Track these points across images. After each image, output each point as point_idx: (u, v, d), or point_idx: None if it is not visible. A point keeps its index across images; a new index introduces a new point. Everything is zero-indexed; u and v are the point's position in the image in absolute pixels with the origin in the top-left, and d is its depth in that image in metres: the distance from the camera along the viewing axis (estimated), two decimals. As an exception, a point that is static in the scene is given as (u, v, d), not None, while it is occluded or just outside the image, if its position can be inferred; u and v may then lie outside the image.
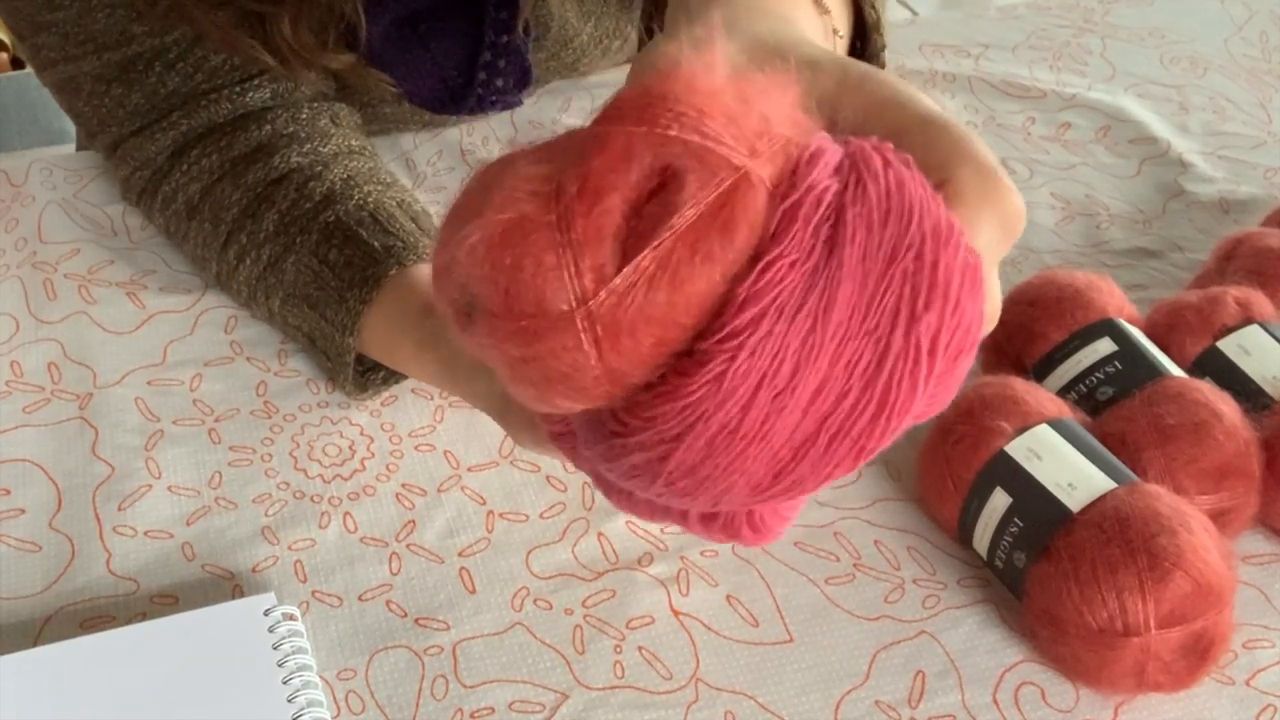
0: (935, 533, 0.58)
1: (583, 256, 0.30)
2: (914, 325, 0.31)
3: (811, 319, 0.30)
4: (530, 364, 0.31)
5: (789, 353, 0.30)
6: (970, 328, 0.32)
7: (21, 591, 0.54)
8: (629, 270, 0.30)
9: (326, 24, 0.66)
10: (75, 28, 0.65)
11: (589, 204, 0.30)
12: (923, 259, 0.31)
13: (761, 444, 0.31)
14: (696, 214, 0.30)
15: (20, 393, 0.63)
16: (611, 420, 0.33)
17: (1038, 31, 0.96)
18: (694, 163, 0.30)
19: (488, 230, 0.31)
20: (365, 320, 0.60)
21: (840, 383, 0.31)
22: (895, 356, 0.31)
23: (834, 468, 0.32)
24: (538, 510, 0.58)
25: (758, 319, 0.30)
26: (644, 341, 0.30)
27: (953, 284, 0.31)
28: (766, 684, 0.51)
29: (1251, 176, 0.81)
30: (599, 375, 0.31)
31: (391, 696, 0.50)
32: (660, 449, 0.32)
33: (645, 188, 0.30)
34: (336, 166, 0.65)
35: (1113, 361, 0.59)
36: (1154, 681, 0.50)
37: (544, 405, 0.33)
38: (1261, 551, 0.58)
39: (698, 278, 0.30)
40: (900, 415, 0.32)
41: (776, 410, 0.31)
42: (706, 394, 0.31)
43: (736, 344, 0.30)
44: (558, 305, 0.30)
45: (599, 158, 0.30)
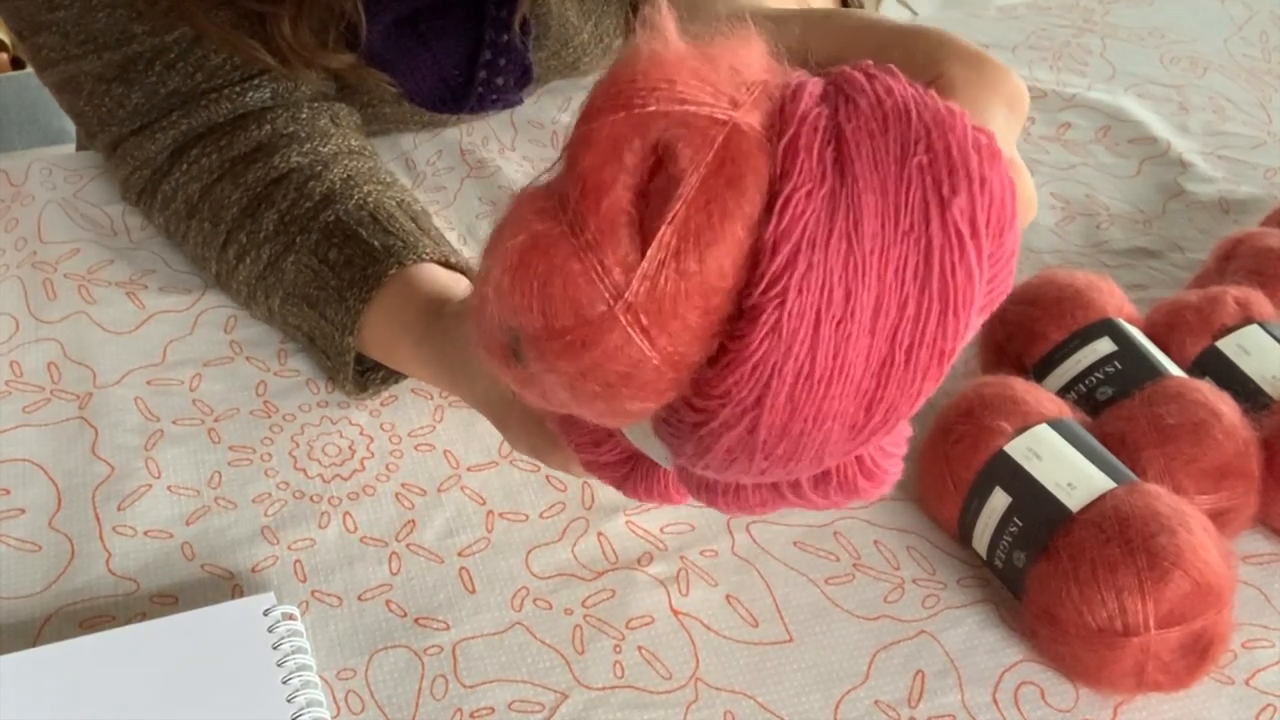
0: (935, 532, 0.58)
1: (604, 253, 0.30)
2: (946, 212, 0.30)
3: (845, 239, 0.30)
4: (589, 376, 0.31)
5: (835, 278, 0.30)
6: (1003, 200, 0.31)
7: (21, 591, 0.54)
8: (653, 250, 0.30)
9: (327, 23, 0.66)
10: (76, 27, 0.65)
11: (594, 202, 0.30)
12: (934, 149, 0.30)
13: (842, 380, 0.31)
14: (700, 177, 0.30)
15: (20, 393, 0.63)
16: (689, 412, 0.33)
17: (1038, 31, 0.96)
18: (682, 130, 0.30)
19: (506, 258, 0.31)
20: (365, 319, 0.60)
21: (896, 293, 0.30)
22: (940, 249, 0.30)
23: (922, 380, 0.32)
24: (537, 510, 0.58)
25: (793, 256, 0.30)
26: (689, 316, 0.30)
27: (970, 162, 0.31)
28: (766, 684, 0.51)
29: (1251, 176, 0.81)
30: (659, 364, 0.31)
31: (391, 696, 0.50)
32: (746, 420, 0.32)
33: (643, 170, 0.30)
34: (336, 166, 0.65)
35: (1112, 361, 0.59)
36: (1153, 681, 0.50)
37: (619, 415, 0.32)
38: (1261, 551, 0.58)
39: (721, 237, 0.30)
40: (966, 306, 0.31)
41: (844, 340, 0.30)
42: (769, 347, 0.30)
43: (781, 288, 0.30)
44: (596, 308, 0.30)
45: (589, 155, 0.30)
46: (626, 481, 0.48)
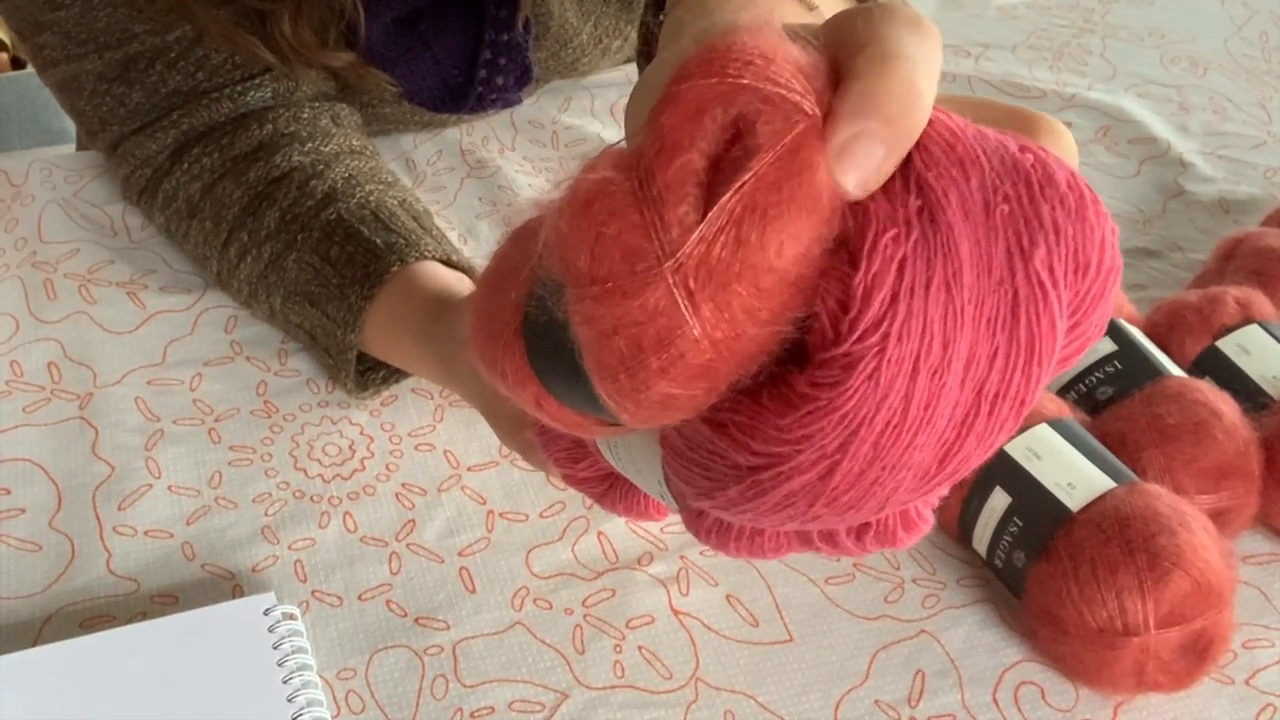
0: (935, 532, 0.58)
1: (666, 209, 0.29)
2: (1029, 264, 0.30)
3: (945, 288, 0.29)
4: (622, 333, 0.30)
5: (935, 328, 0.29)
6: (1080, 244, 0.31)
7: (21, 591, 0.54)
8: (715, 214, 0.29)
9: (327, 22, 0.66)
10: (77, 27, 0.65)
11: (667, 159, 0.30)
12: (1010, 198, 0.30)
13: (928, 430, 0.30)
14: (775, 156, 0.29)
15: (20, 393, 0.63)
16: (745, 455, 0.32)
17: (1038, 31, 0.96)
18: (767, 108, 0.29)
19: (574, 198, 0.31)
20: (367, 317, 0.60)
21: (987, 343, 0.30)
22: (1025, 300, 0.30)
23: (999, 433, 0.31)
24: (537, 510, 0.58)
25: (891, 302, 0.29)
26: (740, 290, 0.29)
27: (1043, 212, 0.30)
28: (766, 684, 0.51)
29: (1251, 176, 0.81)
30: (697, 338, 0.30)
31: (391, 696, 0.50)
32: (821, 466, 0.31)
33: (721, 139, 0.30)
34: (338, 165, 0.65)
35: (1112, 361, 0.59)
36: (1153, 681, 0.50)
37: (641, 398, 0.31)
38: (1261, 551, 0.58)
39: (788, 218, 0.29)
40: (1048, 355, 0.31)
41: (937, 390, 0.30)
42: (864, 395, 0.29)
43: (882, 334, 0.29)
44: (645, 260, 0.29)
45: (671, 114, 0.30)
46: (605, 498, 0.47)
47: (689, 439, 0.33)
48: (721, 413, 0.32)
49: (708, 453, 0.33)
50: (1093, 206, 0.31)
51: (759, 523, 0.34)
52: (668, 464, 0.35)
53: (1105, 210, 0.31)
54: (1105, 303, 0.32)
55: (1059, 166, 0.31)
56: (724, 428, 0.32)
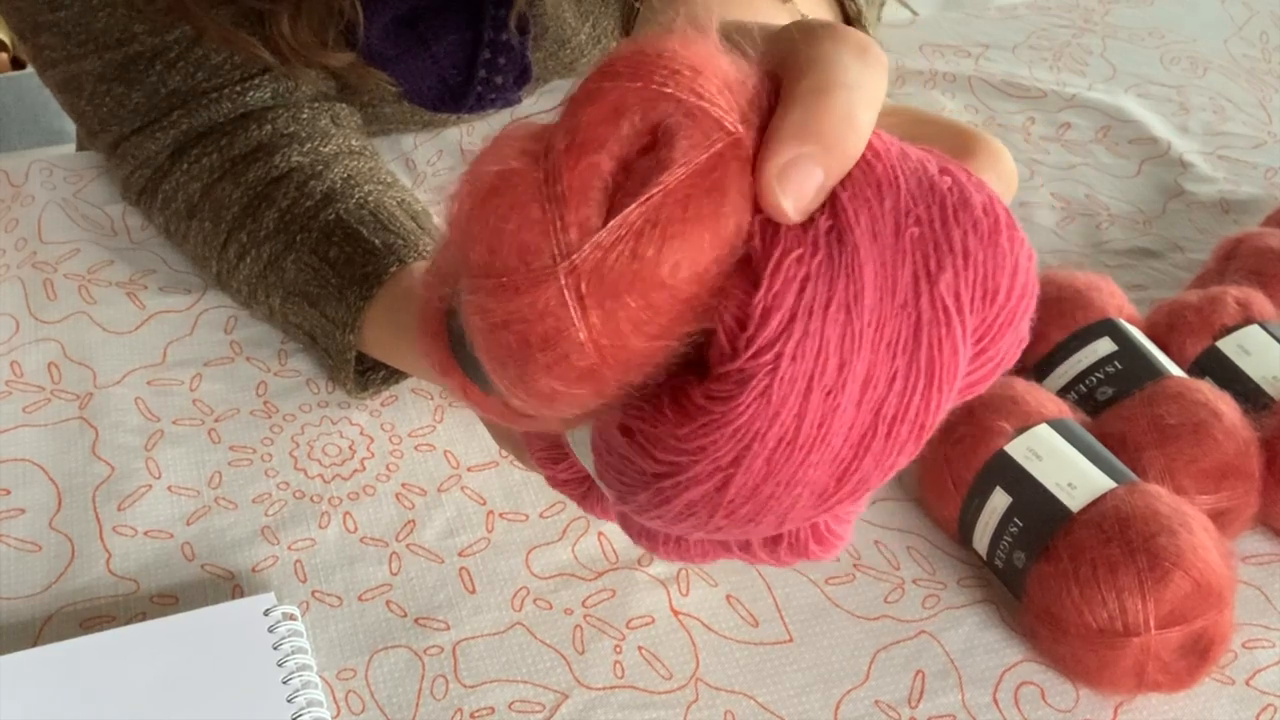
0: (935, 533, 0.58)
1: (568, 210, 0.29)
2: (934, 288, 0.30)
3: (845, 310, 0.29)
4: (510, 327, 0.30)
5: (831, 349, 0.29)
6: (990, 270, 0.30)
7: (21, 591, 0.54)
8: (616, 223, 0.29)
9: (325, 22, 0.66)
10: (76, 27, 0.65)
11: (576, 157, 0.29)
12: (922, 221, 0.30)
13: (822, 448, 0.30)
14: (687, 173, 0.29)
15: (20, 393, 0.63)
16: (649, 461, 0.32)
17: (1038, 31, 0.96)
18: (687, 121, 0.29)
19: (475, 184, 0.31)
20: (366, 317, 0.60)
21: (886, 366, 0.30)
22: (927, 324, 0.30)
23: (897, 455, 0.31)
24: (538, 510, 0.58)
25: (788, 322, 0.29)
26: (629, 302, 0.29)
27: (954, 236, 0.30)
28: (766, 684, 0.51)
29: (1251, 176, 0.81)
30: (583, 341, 0.29)
31: (391, 696, 0.50)
32: (716, 478, 0.31)
33: (636, 144, 0.30)
34: (337, 166, 0.65)
35: (1113, 361, 0.59)
36: (1154, 681, 0.50)
37: (528, 388, 0.31)
38: (1261, 551, 0.58)
39: (686, 236, 0.29)
40: (949, 381, 0.30)
41: (831, 410, 0.30)
42: (756, 412, 0.30)
43: (775, 353, 0.29)
44: (541, 259, 0.29)
45: (589, 112, 0.30)
46: (584, 500, 0.47)
47: (606, 443, 0.34)
48: (629, 419, 0.32)
49: (620, 457, 0.33)
50: (1007, 232, 0.31)
51: (670, 529, 0.34)
52: (596, 466, 0.35)
53: (1022, 236, 0.31)
54: (1015, 329, 0.32)
55: (977, 190, 0.31)
56: (632, 434, 0.32)
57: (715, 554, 0.38)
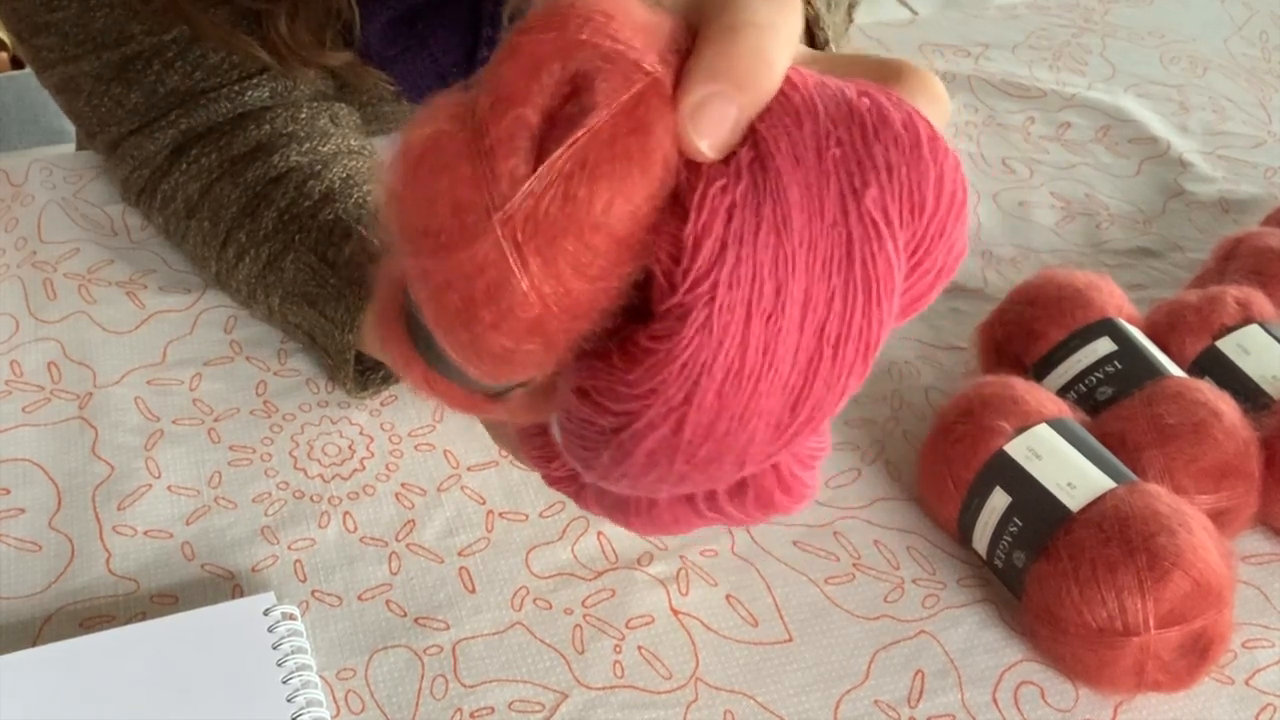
0: (935, 532, 0.58)
1: (497, 162, 0.30)
2: (861, 204, 0.30)
3: (774, 232, 0.30)
4: (453, 287, 0.30)
5: (765, 273, 0.30)
6: (915, 183, 0.31)
7: (21, 591, 0.54)
8: (544, 169, 0.29)
9: (323, 22, 0.66)
10: (74, 28, 0.65)
11: (500, 111, 0.30)
12: (843, 141, 0.30)
13: (770, 376, 0.30)
14: (610, 114, 0.29)
15: (20, 392, 0.63)
16: (606, 416, 0.32)
17: (1037, 31, 0.96)
18: (606, 65, 0.30)
19: (407, 151, 0.31)
20: (365, 317, 0.60)
21: (823, 286, 0.30)
22: (859, 240, 0.30)
23: (848, 376, 0.31)
24: (537, 509, 0.58)
25: (720, 251, 0.30)
26: (567, 245, 0.29)
27: (875, 152, 0.30)
28: (766, 684, 0.51)
29: (1251, 176, 0.81)
30: (527, 292, 0.30)
31: (391, 696, 0.50)
32: (673, 419, 0.31)
33: (559, 94, 0.30)
34: (336, 165, 0.65)
35: (1112, 361, 0.59)
36: (1153, 681, 0.50)
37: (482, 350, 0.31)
38: (1261, 551, 0.58)
39: (615, 174, 0.29)
40: (888, 296, 0.31)
41: (774, 335, 0.30)
42: (699, 344, 0.30)
43: (711, 283, 0.30)
44: (474, 213, 0.30)
45: (508, 67, 0.30)
46: (580, 496, 0.47)
47: (566, 411, 0.34)
48: (583, 379, 0.33)
49: (580, 421, 0.33)
50: (929, 144, 0.31)
51: (638, 489, 0.34)
52: (562, 442, 0.35)
53: (947, 148, 0.31)
54: (948, 239, 0.32)
55: (897, 107, 0.31)
56: (586, 394, 0.33)
57: (688, 519, 0.38)
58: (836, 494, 0.59)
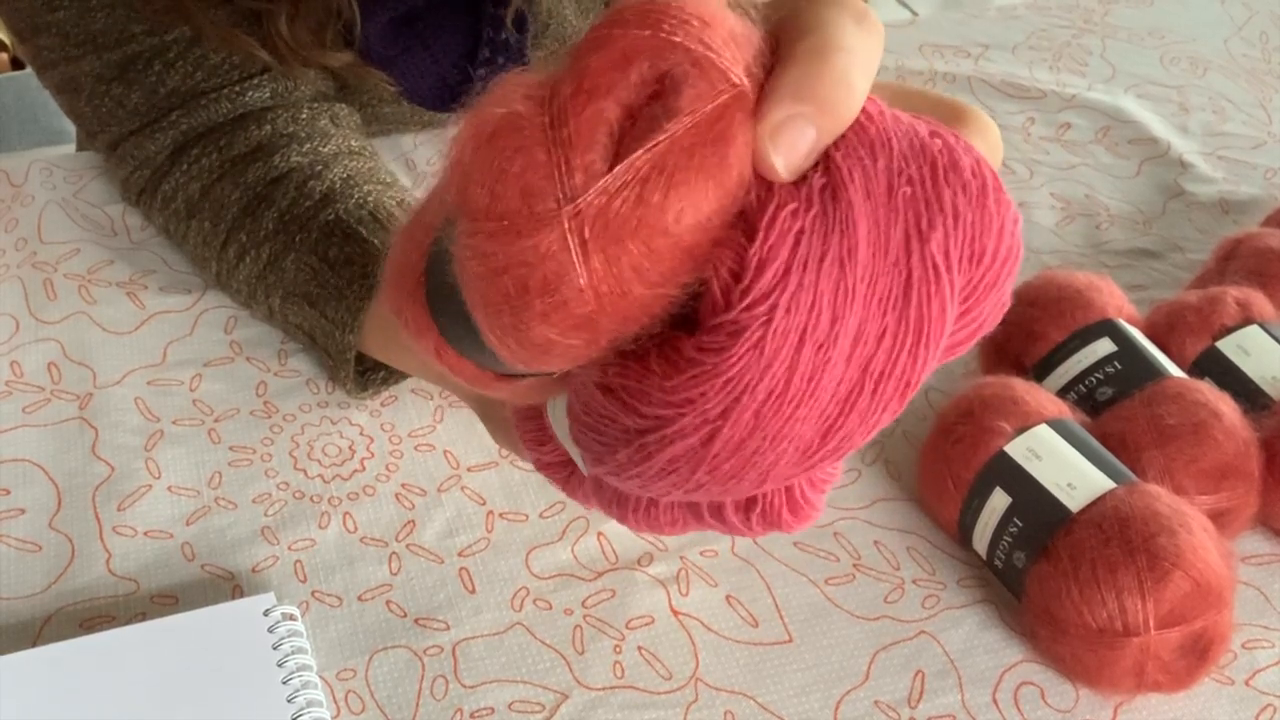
0: (935, 533, 0.58)
1: (574, 154, 0.29)
2: (925, 246, 0.30)
3: (839, 264, 0.30)
4: (510, 272, 0.30)
5: (824, 302, 0.30)
6: (978, 231, 0.31)
7: (21, 591, 0.54)
8: (622, 169, 0.29)
9: (323, 22, 0.66)
10: (75, 28, 0.65)
11: (583, 103, 0.29)
12: (913, 180, 0.30)
13: (810, 403, 0.30)
14: (694, 122, 0.29)
15: (20, 393, 0.63)
16: (633, 417, 0.32)
17: (1037, 32, 0.96)
18: (695, 71, 0.29)
19: (479, 126, 0.30)
20: (365, 318, 0.60)
21: (876, 322, 0.30)
22: (918, 281, 0.30)
23: (882, 412, 0.31)
24: (537, 510, 0.58)
25: (783, 274, 0.29)
26: (632, 247, 0.29)
27: (945, 196, 0.30)
28: (766, 684, 0.51)
29: (1251, 176, 0.81)
30: (582, 288, 0.29)
31: (391, 696, 0.50)
32: (704, 431, 0.31)
33: (643, 92, 0.30)
34: (336, 166, 0.65)
35: (1112, 362, 0.59)
36: (1153, 681, 0.50)
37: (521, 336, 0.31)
38: (1261, 551, 0.58)
39: (693, 186, 0.29)
40: (936, 339, 0.31)
41: (822, 364, 0.30)
42: (748, 363, 0.30)
43: (770, 304, 0.29)
44: (545, 202, 0.29)
45: (596, 58, 0.30)
46: (567, 484, 0.48)
47: (584, 404, 0.34)
48: (611, 377, 0.32)
49: (600, 417, 0.33)
50: (994, 195, 0.31)
51: (647, 490, 0.34)
52: (570, 430, 0.35)
53: (1009, 200, 0.31)
54: (999, 291, 0.32)
55: (966, 153, 0.31)
56: (613, 391, 0.32)
57: (686, 522, 0.38)
58: (836, 494, 0.59)
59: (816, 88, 0.30)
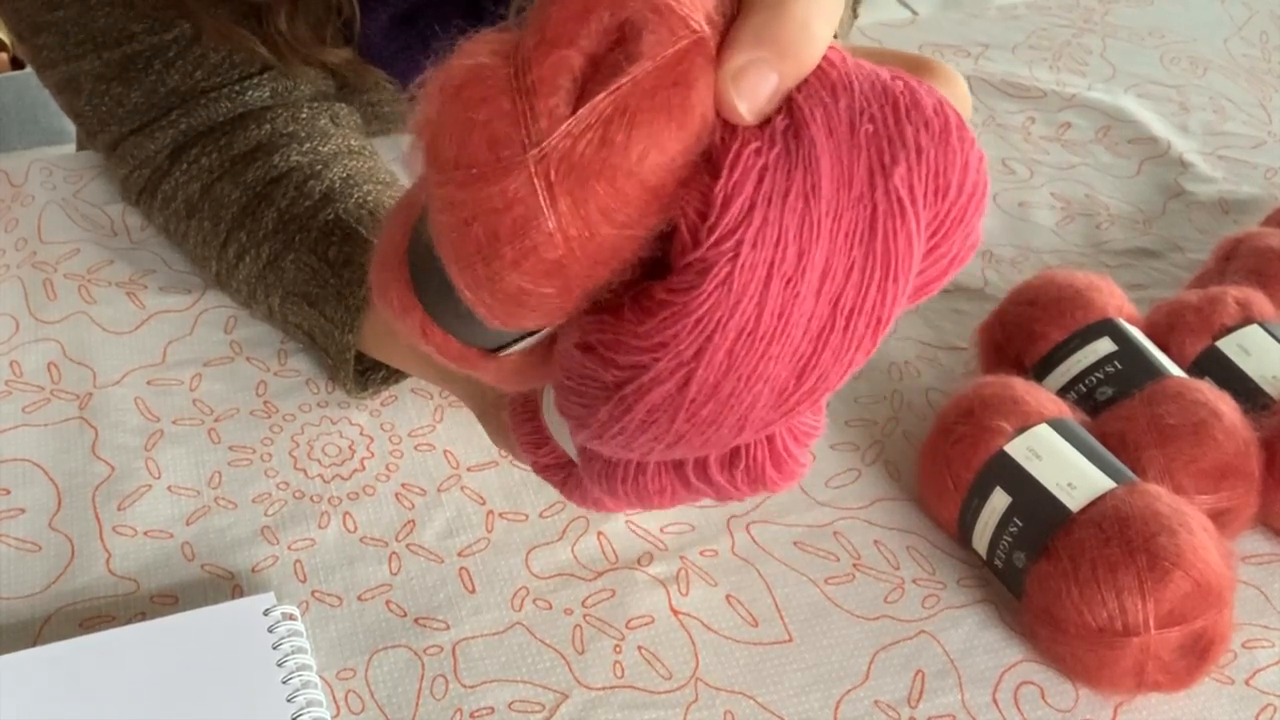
0: (935, 532, 0.58)
1: (538, 100, 0.30)
2: (889, 181, 0.31)
3: (803, 199, 0.30)
4: (479, 220, 0.31)
5: (790, 237, 0.30)
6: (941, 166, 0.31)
7: (21, 591, 0.54)
8: (585, 111, 0.29)
9: (323, 19, 0.66)
10: (75, 27, 0.65)
11: (546, 50, 0.30)
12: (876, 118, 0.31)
13: (782, 340, 0.31)
14: (655, 66, 0.30)
15: (20, 393, 0.63)
16: (611, 370, 0.32)
17: (1037, 31, 0.96)
18: (654, 18, 0.30)
19: (446, 79, 0.31)
20: (365, 317, 0.60)
21: (843, 257, 0.31)
22: (883, 215, 0.31)
23: (855, 350, 0.32)
24: (537, 510, 0.58)
25: (748, 210, 0.30)
26: (598, 189, 0.30)
27: (907, 132, 0.31)
28: (766, 684, 0.51)
29: (1251, 176, 0.81)
30: (551, 231, 0.30)
31: (391, 696, 0.50)
32: (680, 374, 0.31)
33: (605, 41, 0.30)
34: (336, 165, 0.65)
35: (1112, 361, 0.59)
36: (1153, 681, 0.50)
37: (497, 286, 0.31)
38: (1261, 551, 0.58)
39: (655, 126, 0.30)
40: (904, 273, 0.31)
41: (791, 299, 0.30)
42: (717, 300, 0.30)
43: (736, 240, 0.30)
44: (510, 148, 0.30)
45: (558, 9, 0.30)
46: (564, 486, 0.48)
47: (566, 369, 0.34)
48: (588, 334, 0.33)
49: (580, 377, 0.33)
50: (957, 131, 0.31)
51: (630, 449, 0.34)
52: (556, 401, 0.35)
53: (972, 136, 0.32)
54: (966, 227, 0.33)
55: (928, 94, 0.32)
56: (591, 349, 0.33)
57: (675, 490, 0.38)
58: (836, 494, 0.59)
59: (778, 33, 0.31)
